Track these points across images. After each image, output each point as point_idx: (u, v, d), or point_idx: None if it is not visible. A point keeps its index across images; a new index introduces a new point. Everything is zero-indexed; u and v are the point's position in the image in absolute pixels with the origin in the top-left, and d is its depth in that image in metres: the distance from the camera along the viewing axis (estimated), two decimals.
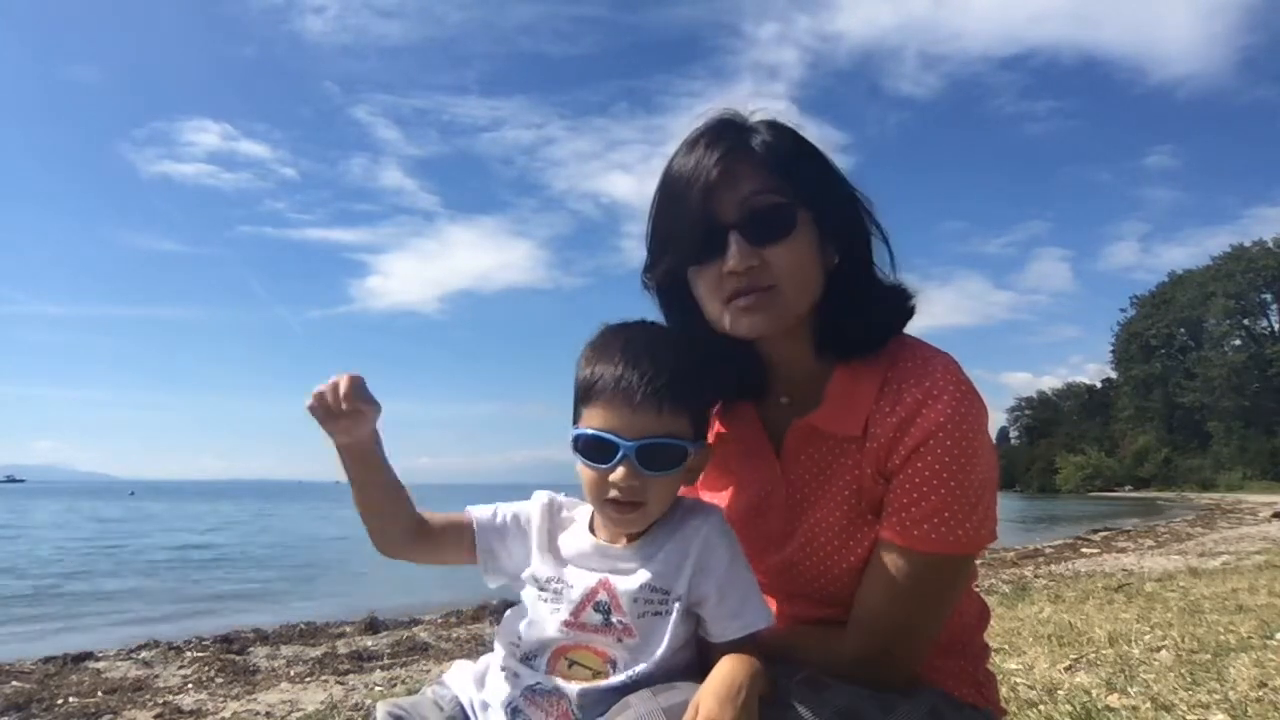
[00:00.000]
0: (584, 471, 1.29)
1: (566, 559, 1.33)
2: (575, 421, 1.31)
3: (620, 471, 1.24)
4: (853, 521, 1.31)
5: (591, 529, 1.36)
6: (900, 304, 1.35)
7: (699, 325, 1.36)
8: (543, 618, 1.29)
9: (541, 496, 1.42)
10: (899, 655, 1.27)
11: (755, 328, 1.28)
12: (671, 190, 1.31)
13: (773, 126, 1.31)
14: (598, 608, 1.27)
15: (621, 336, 1.31)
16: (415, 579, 13.85)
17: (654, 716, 1.13)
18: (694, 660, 1.27)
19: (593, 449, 1.25)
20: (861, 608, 1.28)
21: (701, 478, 1.45)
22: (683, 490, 1.35)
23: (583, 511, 1.40)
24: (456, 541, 1.41)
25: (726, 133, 1.29)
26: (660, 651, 1.23)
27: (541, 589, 1.32)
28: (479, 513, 1.41)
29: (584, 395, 1.28)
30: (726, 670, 1.16)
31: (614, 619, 1.26)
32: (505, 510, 1.41)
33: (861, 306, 1.32)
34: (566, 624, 1.27)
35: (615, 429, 1.24)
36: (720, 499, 1.48)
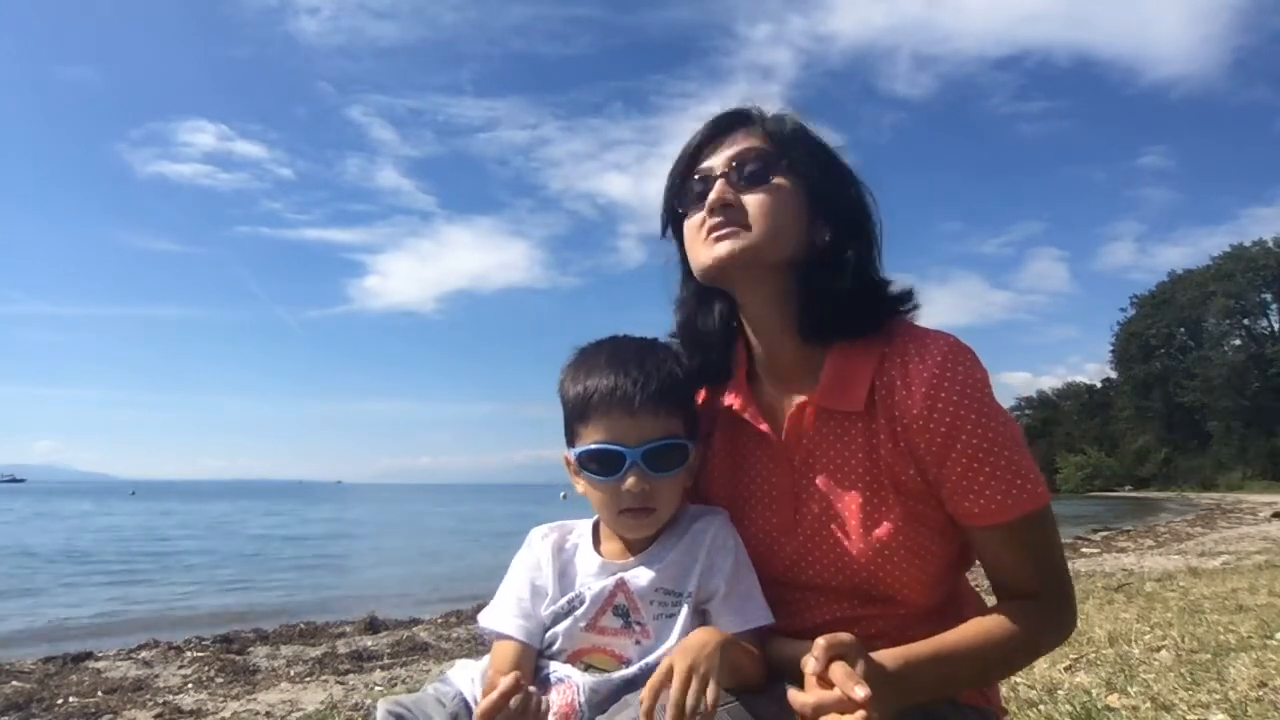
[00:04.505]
0: (593, 489, 1.31)
1: (581, 582, 1.34)
2: (571, 442, 1.33)
3: (631, 479, 1.26)
4: (868, 500, 1.30)
5: (596, 548, 1.36)
6: (890, 295, 1.37)
7: (692, 286, 1.44)
8: (563, 629, 1.31)
9: (543, 544, 1.39)
10: (1067, 594, 1.32)
11: (719, 259, 1.31)
12: (680, 151, 1.43)
13: (780, 114, 1.40)
14: (617, 611, 1.29)
15: (602, 350, 1.34)
16: (415, 578, 13.86)
17: (656, 713, 1.12)
18: None
19: (599, 463, 1.28)
20: (1013, 583, 1.30)
21: (709, 473, 1.46)
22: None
23: (581, 533, 1.40)
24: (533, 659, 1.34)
25: (734, 111, 1.41)
26: (671, 647, 1.24)
27: (559, 612, 1.32)
28: (520, 634, 1.32)
29: (579, 413, 1.31)
30: (697, 633, 1.18)
31: (633, 620, 1.27)
32: (523, 605, 1.34)
33: (846, 289, 1.33)
34: (585, 629, 1.29)
35: (619, 439, 1.26)
36: (725, 490, 1.46)
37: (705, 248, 1.34)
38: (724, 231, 1.32)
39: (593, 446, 1.28)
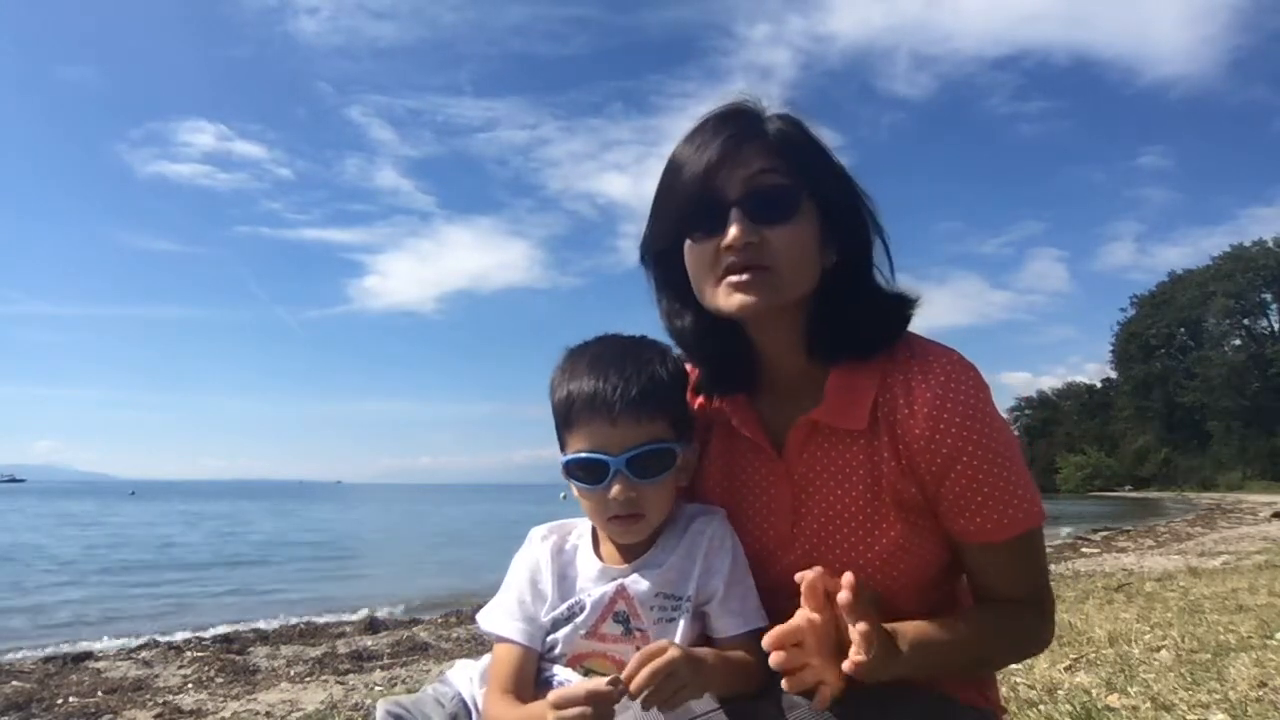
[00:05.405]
0: (582, 497, 1.31)
1: (581, 587, 1.33)
2: (562, 448, 1.33)
3: (616, 488, 1.25)
4: (869, 517, 1.30)
5: (596, 552, 1.36)
6: (898, 312, 1.33)
7: (691, 305, 1.34)
8: (563, 635, 1.31)
9: (543, 546, 1.39)
10: (1049, 607, 1.36)
11: (746, 306, 1.24)
12: (676, 163, 1.29)
13: (785, 116, 1.31)
14: (617, 618, 1.28)
15: (585, 354, 1.33)
16: (415, 578, 13.85)
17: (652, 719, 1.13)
18: None
19: (585, 471, 1.28)
20: (998, 595, 1.31)
21: (703, 481, 1.44)
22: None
23: (581, 534, 1.40)
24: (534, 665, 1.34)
25: (738, 116, 1.30)
26: None
27: (559, 618, 1.32)
28: (522, 638, 1.32)
29: (563, 420, 1.31)
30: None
31: (634, 626, 1.27)
32: (525, 607, 1.34)
33: (857, 310, 1.29)
34: (586, 636, 1.28)
35: (601, 447, 1.26)
36: (720, 502, 1.44)
37: (724, 291, 1.25)
38: (747, 277, 1.23)
39: (578, 456, 1.27)
